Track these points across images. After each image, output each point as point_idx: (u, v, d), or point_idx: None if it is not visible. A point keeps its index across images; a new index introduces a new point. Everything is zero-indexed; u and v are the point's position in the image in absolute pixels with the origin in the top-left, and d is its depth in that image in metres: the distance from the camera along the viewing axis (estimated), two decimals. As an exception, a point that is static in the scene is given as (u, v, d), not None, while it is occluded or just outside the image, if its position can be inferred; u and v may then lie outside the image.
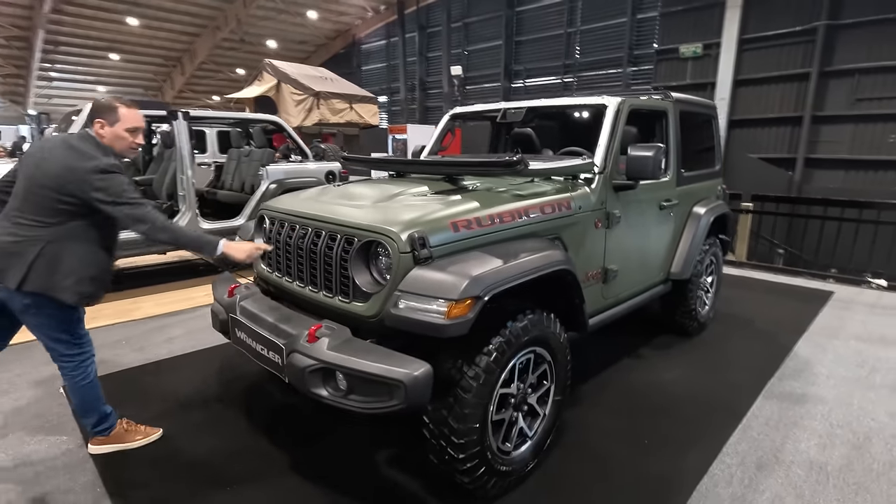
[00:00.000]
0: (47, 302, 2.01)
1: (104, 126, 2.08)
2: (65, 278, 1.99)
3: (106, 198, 1.95)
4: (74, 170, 1.94)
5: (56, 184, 1.95)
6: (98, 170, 1.95)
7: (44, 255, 1.96)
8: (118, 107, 2.09)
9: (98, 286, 2.12)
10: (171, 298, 4.65)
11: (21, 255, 1.94)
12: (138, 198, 2.05)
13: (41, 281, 1.96)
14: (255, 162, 5.73)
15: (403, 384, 1.65)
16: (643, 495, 2.11)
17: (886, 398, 2.93)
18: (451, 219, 2.02)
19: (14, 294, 1.98)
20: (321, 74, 9.56)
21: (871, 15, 11.26)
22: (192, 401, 2.86)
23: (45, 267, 1.96)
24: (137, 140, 2.17)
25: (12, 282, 1.94)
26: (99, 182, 1.94)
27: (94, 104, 2.15)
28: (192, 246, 2.19)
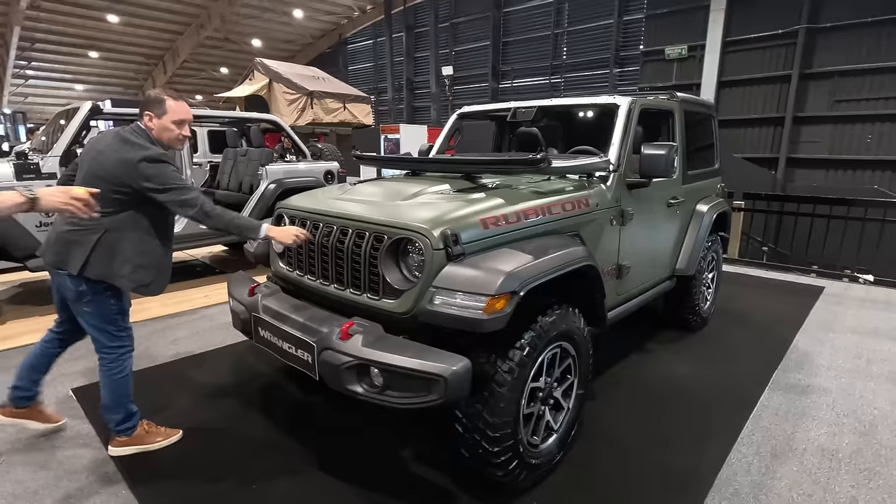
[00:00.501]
0: (103, 290, 2.10)
1: (152, 118, 2.15)
2: (121, 266, 2.09)
3: (155, 185, 2.03)
4: (126, 161, 2.01)
5: (111, 174, 2.02)
6: (147, 159, 2.02)
7: (102, 243, 2.05)
8: (165, 99, 2.14)
9: (155, 276, 2.21)
10: (172, 300, 4.59)
11: (81, 244, 2.04)
12: (185, 184, 2.14)
13: (100, 268, 2.05)
14: (254, 162, 5.67)
15: (444, 379, 1.67)
16: (666, 485, 2.16)
17: (885, 388, 3.04)
18: (481, 216, 2.05)
19: (72, 280, 2.06)
20: (313, 74, 9.50)
21: (848, 19, 11.62)
22: (209, 401, 2.83)
23: (103, 254, 2.05)
24: (184, 132, 2.22)
25: (74, 268, 2.03)
26: (148, 170, 2.02)
27: (144, 97, 2.20)
28: (237, 229, 2.23)
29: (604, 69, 15.68)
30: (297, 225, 2.44)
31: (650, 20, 14.60)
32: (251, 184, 5.63)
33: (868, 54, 11.54)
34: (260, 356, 3.41)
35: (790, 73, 12.33)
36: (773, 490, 2.13)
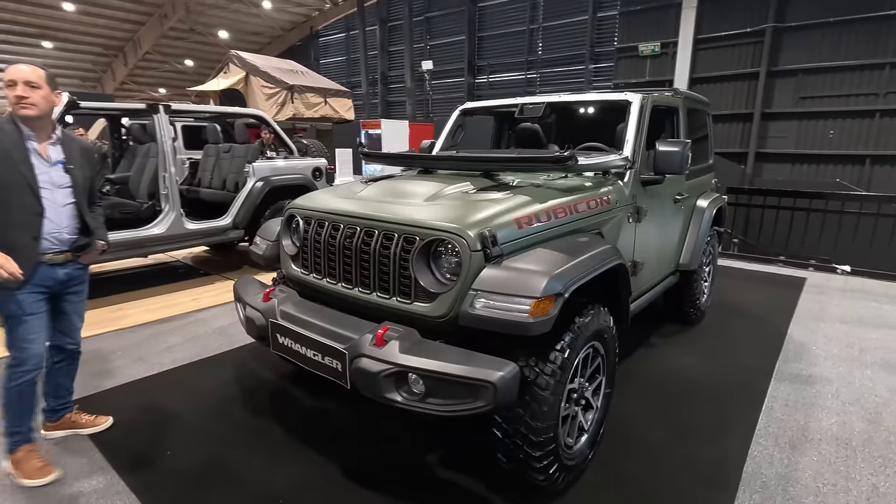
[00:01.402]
0: None
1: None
2: None
3: None
4: None
5: None
6: None
7: None
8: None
9: None
10: (157, 304, 4.38)
11: None
12: None
13: None
14: (239, 158, 5.46)
15: (493, 385, 1.62)
16: (696, 480, 2.18)
17: (882, 375, 3.17)
18: (514, 215, 2.01)
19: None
20: (291, 67, 9.22)
21: (812, 19, 12.08)
22: (217, 411, 2.70)
23: None
24: (16, 93, 1.99)
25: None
26: None
27: None
28: None
29: (579, 65, 15.84)
30: (313, 226, 2.33)
31: (624, 17, 14.82)
32: (236, 181, 5.42)
33: (830, 53, 12.02)
34: (263, 361, 3.29)
35: (758, 70, 12.74)
36: (799, 481, 2.17)
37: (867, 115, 11.82)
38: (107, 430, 2.51)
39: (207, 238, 4.95)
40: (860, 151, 11.96)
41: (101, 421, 2.54)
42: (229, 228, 5.04)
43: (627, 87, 14.59)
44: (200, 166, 6.03)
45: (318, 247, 2.31)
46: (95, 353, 3.39)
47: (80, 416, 2.52)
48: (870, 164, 11.91)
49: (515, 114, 3.37)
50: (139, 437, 2.45)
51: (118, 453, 2.32)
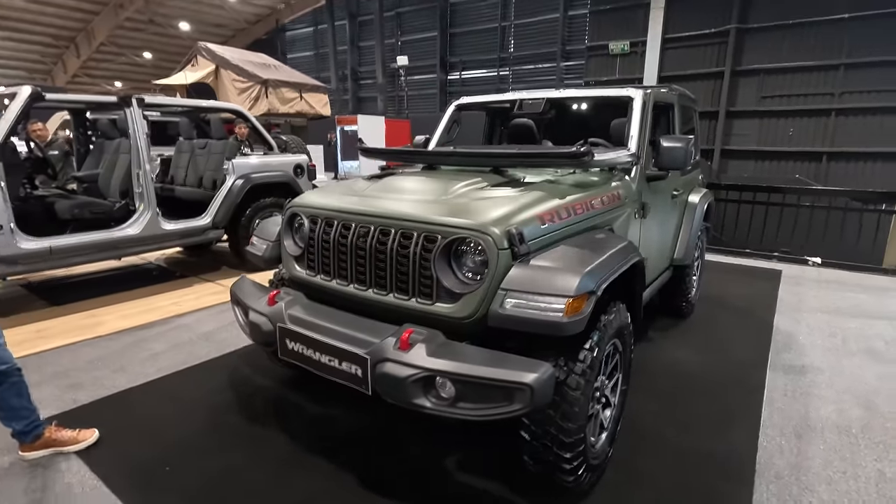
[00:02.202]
0: None
1: None
2: None
3: None
4: None
5: None
6: None
7: None
8: None
9: None
10: (134, 309, 4.13)
11: None
12: None
13: None
14: (216, 155, 5.22)
15: (530, 387, 1.57)
16: (712, 474, 2.19)
17: (868, 363, 3.29)
18: (538, 212, 1.96)
19: None
20: (264, 61, 8.90)
21: (773, 20, 12.57)
22: (214, 422, 2.55)
23: None
24: None
25: None
26: None
27: None
28: None
29: (551, 63, 16.01)
30: (320, 225, 2.22)
31: (594, 16, 15.06)
32: (214, 179, 5.20)
33: (789, 54, 12.56)
34: (256, 367, 3.14)
35: (723, 69, 13.19)
36: (811, 470, 2.22)
37: (823, 113, 12.41)
38: (94, 446, 2.33)
39: (185, 239, 4.71)
40: (817, 148, 12.55)
41: (86, 436, 2.35)
42: (208, 228, 4.82)
43: (598, 84, 14.85)
44: (173, 163, 5.75)
45: (327, 247, 2.21)
46: (71, 363, 3.17)
47: (60, 433, 2.31)
48: (826, 160, 12.51)
49: (514, 109, 3.32)
50: (132, 454, 2.29)
51: (112, 472, 2.15)
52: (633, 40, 14.19)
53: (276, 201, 5.31)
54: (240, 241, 5.06)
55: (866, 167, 12.19)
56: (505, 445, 2.31)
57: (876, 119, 11.78)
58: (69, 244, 3.91)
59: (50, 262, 3.87)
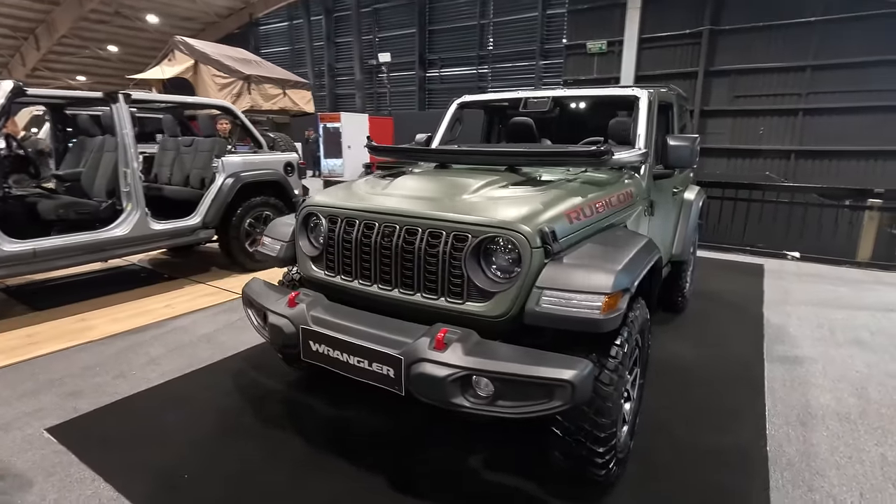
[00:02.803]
0: None
1: None
2: None
3: None
4: None
5: None
6: None
7: None
8: None
9: None
10: (125, 312, 3.99)
11: None
12: None
13: None
14: (204, 153, 5.08)
15: (571, 384, 1.59)
16: (727, 465, 2.26)
17: (856, 352, 3.45)
18: (566, 210, 1.98)
19: None
20: (244, 56, 8.68)
21: (744, 22, 12.98)
22: (228, 429, 2.49)
23: None
24: None
25: None
26: None
27: None
28: None
29: (530, 61, 16.13)
30: (341, 225, 2.19)
31: (572, 15, 15.25)
32: (202, 177, 5.05)
33: (759, 55, 13.00)
34: (262, 369, 3.08)
35: (697, 69, 13.55)
36: (819, 456, 2.32)
37: (791, 113, 12.90)
38: (106, 455, 2.25)
39: (175, 239, 4.57)
40: (786, 147, 13.04)
41: None
42: (198, 228, 4.69)
43: (576, 83, 15.05)
44: (156, 161, 5.56)
45: (348, 247, 2.18)
46: (66, 370, 3.05)
47: None
48: (794, 158, 13.01)
49: (519, 107, 3.34)
50: (147, 463, 2.21)
51: (130, 483, 2.07)
52: (611, 40, 14.44)
53: (266, 200, 5.21)
54: (230, 241, 4.95)
55: (831, 165, 12.73)
56: (526, 442, 2.34)
57: (840, 119, 12.31)
58: (55, 246, 3.75)
59: (34, 265, 3.69)
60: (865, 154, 12.18)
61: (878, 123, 11.80)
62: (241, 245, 5.02)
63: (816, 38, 12.29)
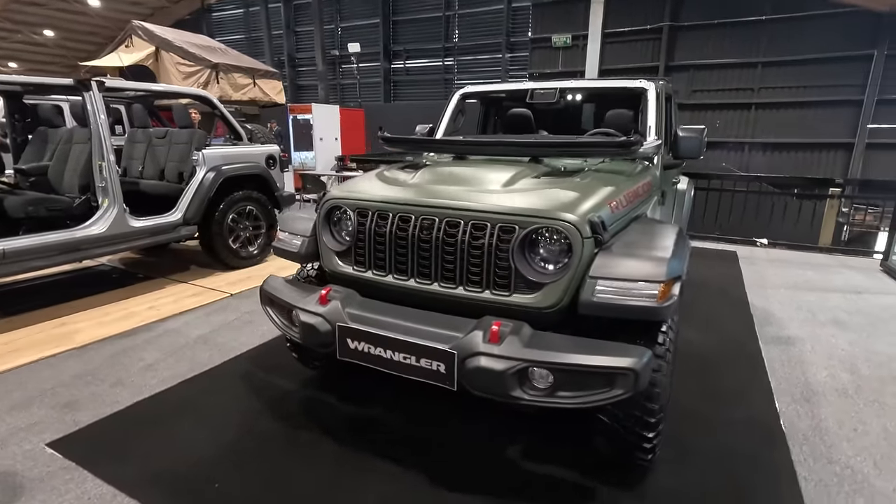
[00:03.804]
0: None
1: None
2: None
3: None
4: None
5: None
6: None
7: None
8: None
9: None
10: (109, 315, 3.74)
11: None
12: None
13: None
14: (181, 145, 4.81)
15: (634, 372, 1.61)
16: (751, 441, 2.36)
17: (837, 331, 3.68)
18: (608, 200, 2.00)
19: None
20: (208, 44, 8.24)
21: (701, 19, 13.51)
22: (246, 431, 2.38)
23: None
24: None
25: None
26: None
27: None
28: None
29: (496, 54, 16.19)
30: (372, 219, 2.12)
31: (537, 8, 15.39)
32: (179, 171, 4.78)
33: (715, 52, 13.58)
34: (271, 369, 2.97)
35: (658, 64, 14.00)
36: (830, 430, 2.45)
37: (745, 107, 13.56)
38: (124, 469, 2.10)
39: (155, 237, 4.31)
40: (741, 139, 13.71)
41: None
42: (180, 225, 4.44)
43: (542, 76, 15.25)
44: (125, 154, 5.21)
45: (381, 241, 2.11)
46: (55, 379, 2.83)
47: None
48: (748, 150, 13.70)
49: (516, 99, 3.33)
50: (172, 474, 2.08)
51: (156, 497, 1.95)
52: (575, 34, 14.68)
53: (249, 195, 5.00)
54: (213, 237, 4.72)
55: (780, 156, 13.50)
56: (561, 432, 2.36)
57: (788, 112, 13.05)
58: (26, 246, 3.45)
59: (4, 266, 3.39)
60: (812, 146, 12.99)
61: (824, 117, 12.59)
62: (225, 242, 4.80)
63: (766, 35, 12.95)
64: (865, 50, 12.03)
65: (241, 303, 4.09)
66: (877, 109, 12.15)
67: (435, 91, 17.28)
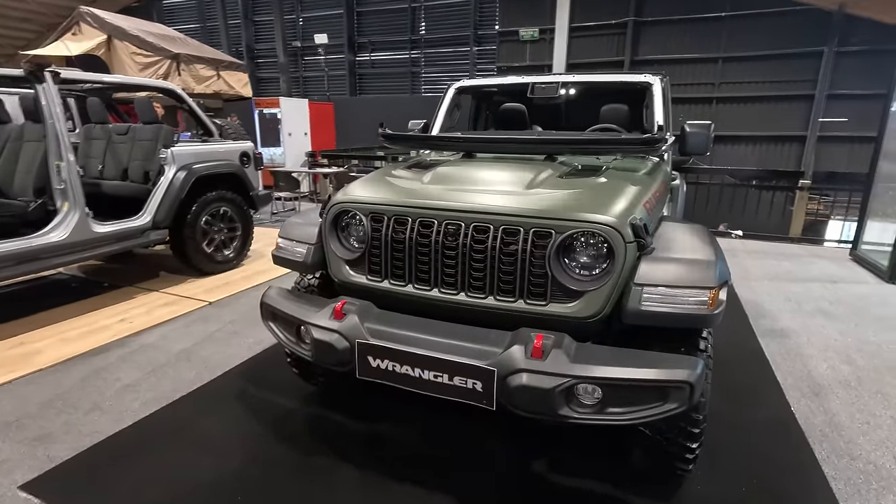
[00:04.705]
0: None
1: None
2: None
3: None
4: None
5: None
6: None
7: None
8: None
9: None
10: (74, 330, 3.40)
11: None
12: None
13: None
14: (145, 142, 4.44)
15: (690, 384, 1.52)
16: (776, 437, 2.34)
17: (826, 322, 3.76)
18: (644, 201, 1.90)
19: None
20: (166, 33, 7.70)
21: (664, 15, 13.78)
22: (253, 456, 2.17)
23: None
24: None
25: None
26: None
27: None
28: None
29: (464, 47, 16.02)
30: (389, 224, 1.96)
31: (504, 1, 15.29)
32: (145, 170, 4.43)
33: (677, 47, 13.87)
34: (266, 386, 2.75)
35: (623, 59, 14.19)
36: (843, 425, 2.47)
37: (707, 101, 13.94)
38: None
39: (122, 243, 3.96)
40: (702, 132, 14.09)
41: None
42: (149, 229, 4.10)
43: (510, 70, 15.21)
44: (81, 152, 4.78)
45: (399, 248, 1.95)
46: (19, 408, 2.52)
47: None
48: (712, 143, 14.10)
49: (527, 93, 3.22)
50: (170, 513, 1.87)
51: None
52: (543, 27, 14.68)
53: (223, 195, 4.68)
54: (185, 241, 4.39)
55: (741, 149, 13.98)
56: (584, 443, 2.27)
57: (748, 106, 13.52)
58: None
59: (-50, 281, 3.02)
60: (771, 139, 13.51)
61: (780, 111, 13.11)
62: (198, 246, 4.48)
63: (726, 31, 13.32)
64: (816, 47, 12.56)
65: (222, 312, 3.81)
66: (827, 104, 12.75)
67: (402, 84, 16.95)
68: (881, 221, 5.25)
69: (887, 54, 11.66)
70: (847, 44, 12.27)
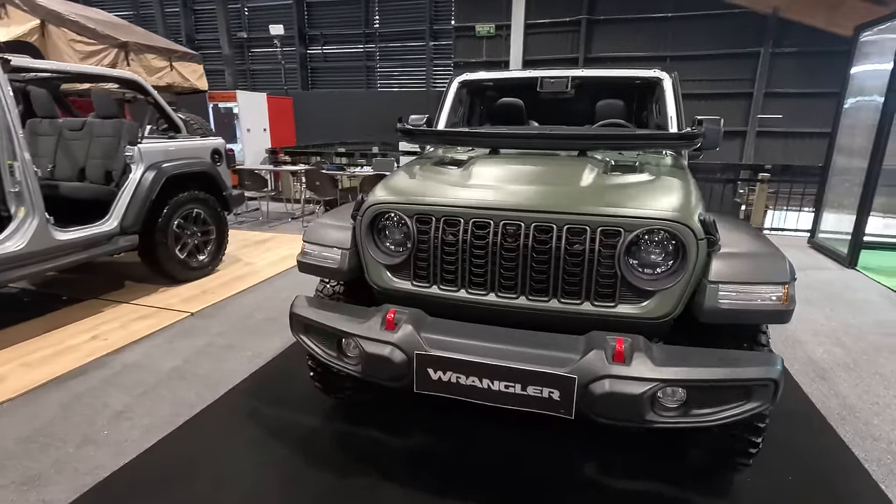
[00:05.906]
0: None
1: None
2: None
3: None
4: None
5: None
6: None
7: None
8: None
9: None
10: (38, 352, 3.00)
11: None
12: None
13: None
14: (106, 139, 4.02)
15: (775, 382, 1.51)
16: (800, 426, 2.41)
17: (811, 309, 3.96)
18: (698, 197, 1.88)
19: None
20: (108, 19, 7.01)
21: (614, 14, 14.22)
22: (285, 481, 1.98)
23: None
24: None
25: None
26: None
27: None
28: None
29: (420, 41, 15.85)
30: (438, 226, 1.83)
31: (459, -4, 15.24)
32: (106, 170, 4.02)
33: (627, 45, 14.37)
34: (283, 404, 2.54)
35: (577, 56, 14.53)
36: (856, 407, 2.59)
37: (656, 98, 14.54)
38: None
39: (89, 251, 3.55)
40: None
41: None
42: (117, 235, 3.71)
43: (467, 66, 15.20)
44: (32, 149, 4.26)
45: (451, 251, 1.83)
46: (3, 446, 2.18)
47: None
48: (659, 138, 14.72)
49: (538, 87, 3.15)
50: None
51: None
52: (499, 23, 14.76)
53: (195, 195, 4.32)
54: (157, 247, 4.01)
55: (686, 144, 14.70)
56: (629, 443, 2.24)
57: (694, 104, 14.21)
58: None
59: None
60: (712, 134, 14.29)
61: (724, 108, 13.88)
62: (171, 251, 4.11)
63: (671, 31, 13.93)
64: (754, 47, 13.40)
65: (208, 323, 3.51)
66: (764, 101, 13.64)
67: (356, 79, 16.56)
68: (836, 212, 5.62)
69: (816, 56, 12.64)
70: (781, 45, 13.12)
